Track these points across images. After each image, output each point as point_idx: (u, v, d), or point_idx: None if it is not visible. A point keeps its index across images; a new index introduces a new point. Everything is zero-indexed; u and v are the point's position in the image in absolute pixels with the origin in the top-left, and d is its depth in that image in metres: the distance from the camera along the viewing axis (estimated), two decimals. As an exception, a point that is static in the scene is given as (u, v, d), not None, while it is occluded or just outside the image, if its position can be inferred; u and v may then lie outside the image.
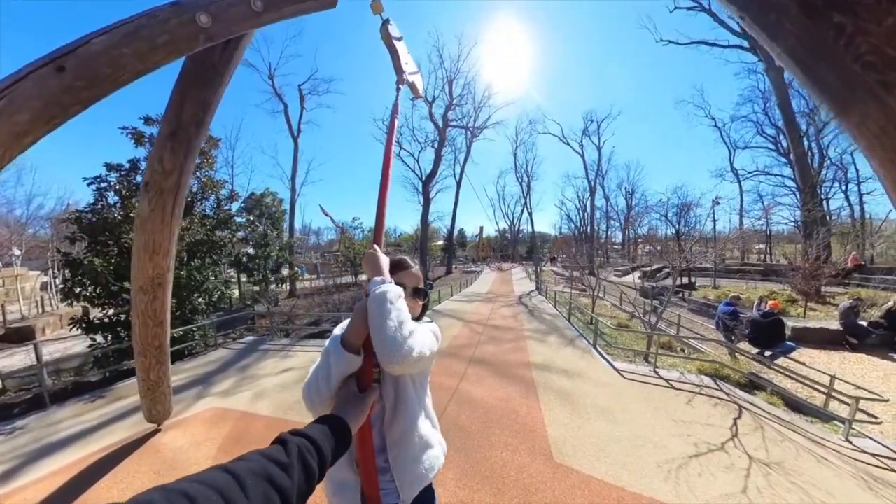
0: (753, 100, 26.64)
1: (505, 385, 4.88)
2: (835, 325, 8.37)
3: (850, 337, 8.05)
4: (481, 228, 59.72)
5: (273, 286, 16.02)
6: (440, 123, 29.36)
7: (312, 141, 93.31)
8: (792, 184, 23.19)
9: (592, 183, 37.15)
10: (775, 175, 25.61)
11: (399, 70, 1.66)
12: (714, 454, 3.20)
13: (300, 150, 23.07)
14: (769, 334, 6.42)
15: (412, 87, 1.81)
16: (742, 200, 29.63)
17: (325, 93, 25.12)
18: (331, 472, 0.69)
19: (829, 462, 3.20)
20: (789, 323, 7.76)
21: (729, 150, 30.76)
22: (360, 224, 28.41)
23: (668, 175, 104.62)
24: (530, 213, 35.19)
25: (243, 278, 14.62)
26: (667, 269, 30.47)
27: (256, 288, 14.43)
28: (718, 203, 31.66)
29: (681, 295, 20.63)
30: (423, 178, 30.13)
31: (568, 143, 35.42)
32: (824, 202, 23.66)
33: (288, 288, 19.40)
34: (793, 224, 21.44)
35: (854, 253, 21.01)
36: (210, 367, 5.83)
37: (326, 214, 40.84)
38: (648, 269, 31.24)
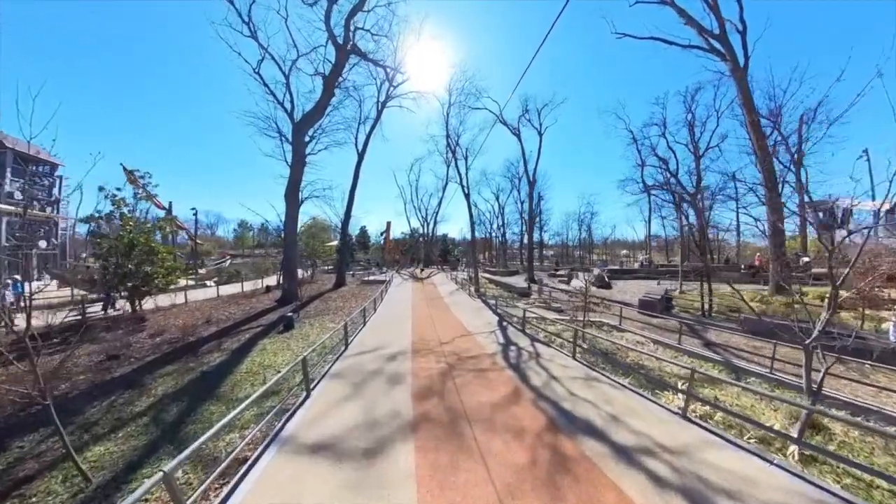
0: (657, 124, 30.21)
1: None
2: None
3: None
4: (388, 224, 48.13)
5: None
6: (341, 34, 16.32)
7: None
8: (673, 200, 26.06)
9: (532, 174, 30.12)
10: (665, 190, 29.90)
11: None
12: None
13: None
14: None
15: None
16: (650, 208, 34.87)
17: None
18: None
19: None
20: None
21: (642, 163, 32.00)
22: (150, 182, 13.64)
23: (573, 184, 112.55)
24: (467, 195, 24.65)
25: None
26: (600, 273, 26.13)
27: None
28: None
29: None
30: (297, 120, 17.09)
31: (505, 123, 27.83)
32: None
33: None
34: (686, 230, 23.68)
35: (758, 254, 23.46)
36: None
37: (136, 183, 20.07)
38: (596, 272, 26.27)
